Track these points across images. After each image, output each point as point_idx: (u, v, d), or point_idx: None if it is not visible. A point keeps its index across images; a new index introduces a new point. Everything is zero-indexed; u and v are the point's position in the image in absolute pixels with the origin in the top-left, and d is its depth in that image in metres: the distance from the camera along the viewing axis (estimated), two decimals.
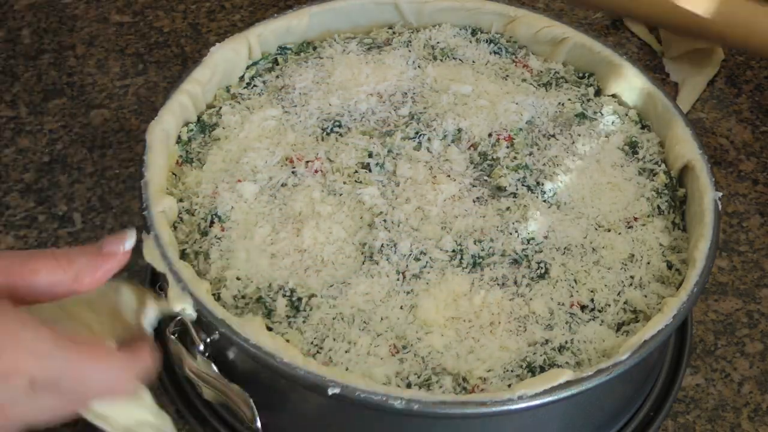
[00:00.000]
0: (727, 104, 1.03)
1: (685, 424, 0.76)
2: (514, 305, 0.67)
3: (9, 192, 0.89)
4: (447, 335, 0.65)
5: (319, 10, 0.85)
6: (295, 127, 0.77)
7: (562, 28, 0.84)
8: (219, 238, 0.69)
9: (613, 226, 0.72)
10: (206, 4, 1.11)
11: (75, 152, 0.93)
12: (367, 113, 0.78)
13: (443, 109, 0.78)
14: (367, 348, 0.64)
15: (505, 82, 0.82)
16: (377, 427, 0.64)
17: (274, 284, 0.66)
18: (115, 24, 1.07)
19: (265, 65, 0.83)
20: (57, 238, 0.85)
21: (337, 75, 0.80)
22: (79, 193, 0.89)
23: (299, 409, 0.66)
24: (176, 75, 1.01)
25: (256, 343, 0.61)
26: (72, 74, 1.01)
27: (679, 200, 0.75)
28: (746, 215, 0.92)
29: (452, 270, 0.68)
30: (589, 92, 0.82)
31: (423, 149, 0.75)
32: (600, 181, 0.75)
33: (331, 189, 0.72)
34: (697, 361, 0.80)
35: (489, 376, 0.62)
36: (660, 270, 0.70)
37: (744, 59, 1.08)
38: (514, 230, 0.70)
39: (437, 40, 0.85)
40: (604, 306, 0.68)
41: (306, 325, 0.65)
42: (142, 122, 0.96)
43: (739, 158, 0.97)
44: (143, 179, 0.69)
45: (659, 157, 0.77)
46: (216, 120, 0.78)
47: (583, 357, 0.64)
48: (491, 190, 0.73)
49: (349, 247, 0.69)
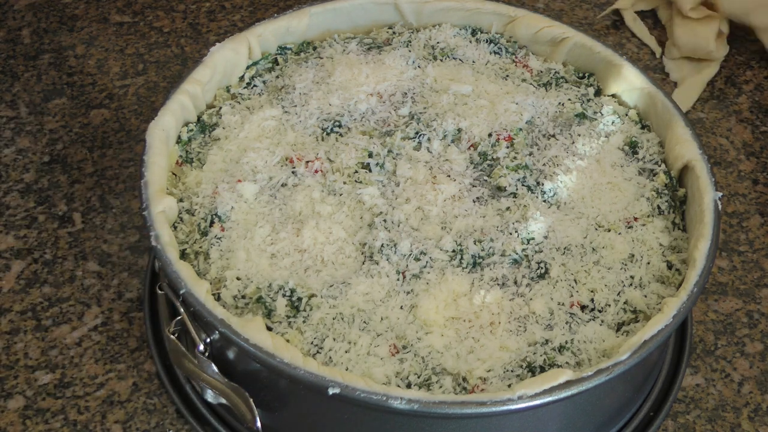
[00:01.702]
0: (727, 104, 1.03)
1: (685, 424, 0.76)
2: (514, 305, 0.67)
3: (9, 192, 0.89)
4: (447, 335, 0.65)
5: (319, 10, 0.85)
6: (295, 127, 0.77)
7: (562, 28, 0.84)
8: (219, 238, 0.69)
9: (613, 226, 0.72)
10: (206, 4, 1.11)
11: (75, 152, 0.93)
12: (367, 113, 0.78)
13: (443, 109, 0.78)
14: (367, 348, 0.64)
15: (505, 82, 0.82)
16: (377, 427, 0.64)
17: (274, 284, 0.66)
18: (115, 24, 1.07)
19: (265, 65, 0.83)
20: (57, 238, 0.85)
21: (337, 75, 0.80)
22: (79, 193, 0.89)
23: (299, 409, 0.66)
24: (176, 75, 1.01)
25: (256, 343, 0.61)
26: (72, 74, 1.01)
27: (679, 200, 0.75)
28: (746, 215, 0.92)
29: (452, 270, 0.68)
30: (589, 92, 0.82)
31: (423, 149, 0.75)
32: (600, 181, 0.75)
33: (331, 189, 0.72)
34: (697, 361, 0.80)
35: (489, 376, 0.62)
36: (660, 270, 0.70)
37: (744, 59, 1.08)
38: (514, 230, 0.70)
39: (437, 40, 0.85)
40: (604, 306, 0.68)
41: (306, 325, 0.65)
42: (142, 122, 0.96)
43: (739, 158, 0.97)
44: (143, 179, 0.69)
45: (659, 157, 0.77)
46: (216, 120, 0.78)
47: (583, 357, 0.64)
48: (491, 190, 0.73)
49: (349, 247, 0.69)
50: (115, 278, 0.83)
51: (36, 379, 0.76)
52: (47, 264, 0.83)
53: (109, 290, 0.82)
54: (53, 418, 0.73)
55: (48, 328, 0.79)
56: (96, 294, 0.81)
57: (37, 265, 0.83)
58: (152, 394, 0.75)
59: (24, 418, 0.73)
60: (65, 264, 0.83)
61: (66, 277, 0.82)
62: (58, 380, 0.76)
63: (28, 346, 0.78)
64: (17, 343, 0.78)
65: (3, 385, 0.75)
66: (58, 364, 0.77)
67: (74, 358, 0.77)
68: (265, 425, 0.66)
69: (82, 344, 0.78)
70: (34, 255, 0.84)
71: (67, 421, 0.73)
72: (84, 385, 0.75)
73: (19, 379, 0.76)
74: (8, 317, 0.79)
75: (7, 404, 0.74)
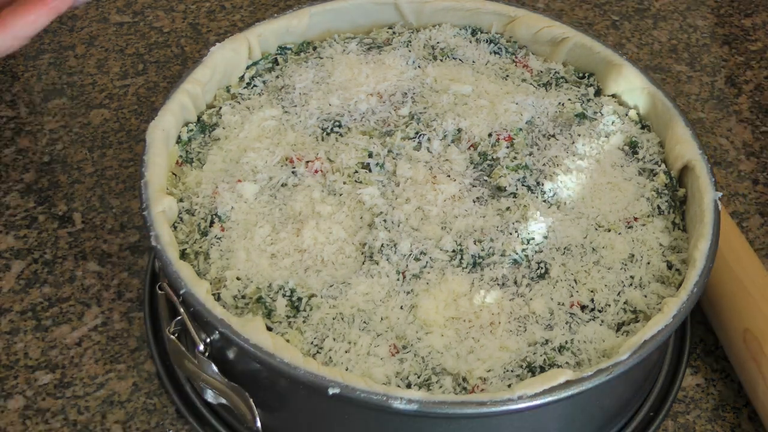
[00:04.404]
0: (727, 104, 1.03)
1: (685, 424, 0.76)
2: (514, 305, 0.67)
3: (9, 192, 0.89)
4: (447, 335, 0.65)
5: (319, 10, 0.85)
6: (295, 127, 0.77)
7: (562, 28, 0.84)
8: (219, 238, 0.69)
9: (613, 226, 0.72)
10: (206, 4, 1.11)
11: (75, 152, 0.93)
12: (367, 113, 0.78)
13: (443, 109, 0.78)
14: (367, 348, 0.64)
15: (505, 82, 0.82)
16: (377, 427, 0.64)
17: (274, 284, 0.66)
18: (115, 24, 1.07)
19: (265, 65, 0.83)
20: (57, 238, 0.85)
21: (337, 75, 0.80)
22: (79, 193, 0.89)
23: (299, 409, 0.66)
24: (176, 75, 1.01)
25: (256, 343, 0.61)
26: (72, 74, 1.01)
27: (679, 200, 0.75)
28: (746, 215, 0.92)
29: (452, 270, 0.68)
30: (589, 92, 0.82)
31: (423, 149, 0.75)
32: (600, 181, 0.75)
33: (331, 189, 0.73)
34: (697, 361, 0.80)
35: (489, 376, 0.62)
36: (660, 270, 0.70)
37: (744, 59, 1.08)
38: (514, 230, 0.70)
39: (437, 40, 0.85)
40: (604, 306, 0.68)
41: (306, 325, 0.65)
42: (142, 122, 0.96)
43: (739, 158, 0.97)
44: (143, 179, 0.69)
45: (659, 157, 0.77)
46: (216, 120, 0.78)
47: (583, 357, 0.64)
48: (491, 190, 0.73)
49: (349, 247, 0.69)
50: (115, 278, 0.83)
51: (36, 379, 0.76)
52: (47, 264, 0.83)
53: (109, 290, 0.82)
54: (53, 418, 0.73)
55: (48, 328, 0.79)
56: (96, 294, 0.81)
57: (37, 265, 0.83)
58: (152, 394, 0.75)
59: (24, 418, 0.73)
60: (65, 264, 0.83)
61: (66, 277, 0.82)
62: (58, 380, 0.76)
63: (28, 346, 0.78)
64: (17, 343, 0.78)
65: (3, 385, 0.75)
66: (58, 364, 0.77)
67: (74, 358, 0.77)
68: (265, 425, 0.66)
69: (82, 344, 0.78)
70: (34, 255, 0.84)
71: (67, 421, 0.73)
72: (84, 385, 0.75)
73: (19, 379, 0.76)
74: (8, 317, 0.79)
75: (7, 404, 0.74)
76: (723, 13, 1.15)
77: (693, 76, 1.06)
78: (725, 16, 1.14)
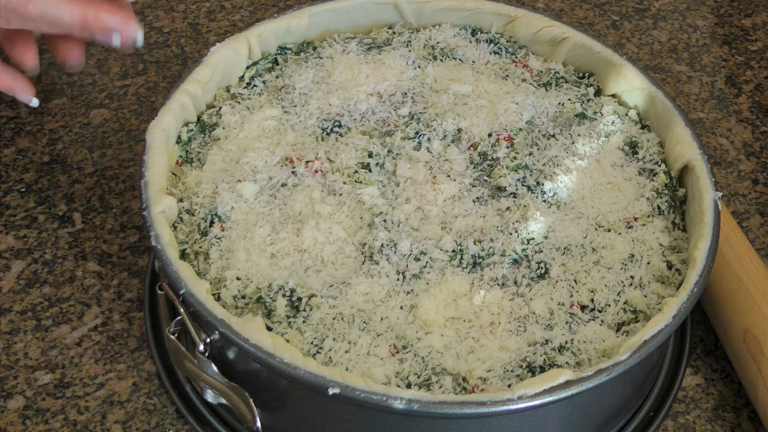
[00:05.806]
0: (727, 104, 1.03)
1: (685, 424, 0.76)
2: (514, 305, 0.67)
3: (9, 192, 0.89)
4: (447, 335, 0.65)
5: (319, 10, 0.85)
6: (295, 127, 0.77)
7: (562, 28, 0.84)
8: (219, 238, 0.69)
9: (613, 226, 0.72)
10: (206, 4, 1.11)
11: (75, 152, 0.93)
12: (367, 113, 0.78)
13: (443, 109, 0.78)
14: (367, 348, 0.64)
15: (505, 82, 0.82)
16: (377, 427, 0.64)
17: (274, 284, 0.66)
18: None
19: (265, 65, 0.83)
20: (57, 238, 0.85)
21: (337, 75, 0.80)
22: (79, 193, 0.89)
23: (299, 409, 0.66)
24: (176, 75, 1.01)
25: (256, 343, 0.61)
26: (72, 74, 1.01)
27: (679, 200, 0.75)
28: (746, 215, 0.92)
29: (452, 270, 0.68)
30: (589, 92, 0.82)
31: (423, 149, 0.75)
32: (600, 181, 0.75)
33: (331, 189, 0.73)
34: (697, 361, 0.80)
35: (489, 376, 0.62)
36: (660, 270, 0.70)
37: (744, 59, 1.08)
38: (514, 230, 0.70)
39: (437, 40, 0.85)
40: (604, 306, 0.68)
41: (306, 325, 0.65)
42: (142, 122, 0.96)
43: (739, 158, 0.97)
44: (143, 179, 0.69)
45: (659, 157, 0.77)
46: (216, 120, 0.78)
47: (583, 357, 0.64)
48: (491, 190, 0.73)
49: (349, 247, 0.69)
50: (115, 278, 0.83)
51: (36, 379, 0.76)
52: (47, 264, 0.83)
53: (109, 290, 0.82)
54: (53, 418, 0.73)
55: (48, 328, 0.79)
56: (96, 294, 0.81)
57: (37, 265, 0.83)
58: (152, 394, 0.75)
59: (24, 418, 0.73)
60: (65, 264, 0.83)
61: (66, 277, 0.82)
62: (58, 380, 0.76)
63: (28, 346, 0.78)
64: (17, 343, 0.78)
65: (3, 385, 0.75)
66: (58, 364, 0.77)
67: (74, 358, 0.77)
68: (265, 425, 0.66)
69: (82, 344, 0.78)
70: (34, 255, 0.84)
71: (67, 421, 0.73)
72: (84, 385, 0.75)
73: (19, 379, 0.76)
74: (8, 317, 0.79)
75: (7, 404, 0.74)
76: (723, 13, 1.15)
77: (693, 76, 1.06)
78: (725, 16, 1.14)
